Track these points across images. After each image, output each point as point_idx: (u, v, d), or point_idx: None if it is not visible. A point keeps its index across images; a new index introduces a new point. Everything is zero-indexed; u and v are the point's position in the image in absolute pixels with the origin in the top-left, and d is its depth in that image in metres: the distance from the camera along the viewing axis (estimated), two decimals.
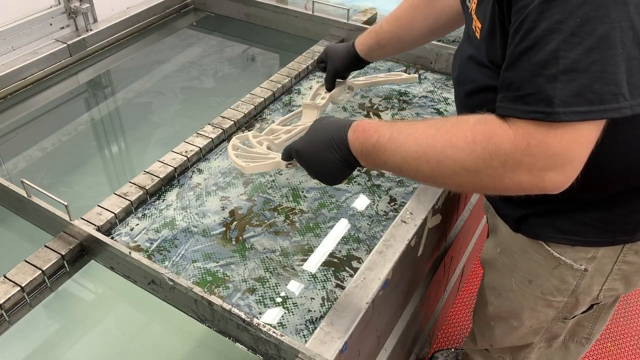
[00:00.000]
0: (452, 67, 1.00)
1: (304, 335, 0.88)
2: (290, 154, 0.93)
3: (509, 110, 0.65)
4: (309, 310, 0.92)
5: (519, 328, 1.10)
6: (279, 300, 0.94)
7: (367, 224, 1.08)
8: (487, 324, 1.19)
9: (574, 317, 1.05)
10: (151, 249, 1.03)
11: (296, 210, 1.12)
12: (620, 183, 0.83)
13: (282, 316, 0.91)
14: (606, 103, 0.59)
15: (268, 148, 1.10)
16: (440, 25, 1.16)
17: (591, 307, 1.03)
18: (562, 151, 0.62)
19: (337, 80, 1.33)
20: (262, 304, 0.93)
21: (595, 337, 1.14)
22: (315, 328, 0.84)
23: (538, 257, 0.96)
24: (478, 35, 0.83)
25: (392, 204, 1.13)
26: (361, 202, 1.14)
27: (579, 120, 0.61)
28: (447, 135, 0.70)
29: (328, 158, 0.82)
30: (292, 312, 0.92)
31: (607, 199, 0.86)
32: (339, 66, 1.30)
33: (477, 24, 0.83)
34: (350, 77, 1.39)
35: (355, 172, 1.21)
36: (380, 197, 1.15)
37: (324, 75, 1.35)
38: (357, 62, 1.29)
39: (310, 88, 1.49)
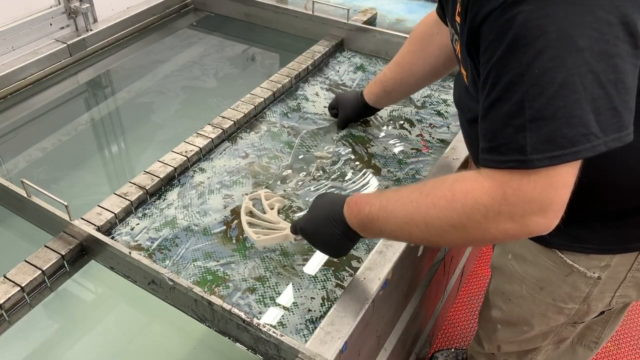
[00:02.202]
0: (453, 91, 1.02)
1: (304, 335, 0.89)
2: (297, 230, 0.95)
3: (486, 161, 0.68)
4: (309, 310, 0.92)
5: (528, 332, 1.10)
6: (279, 300, 0.94)
7: None
8: (493, 328, 1.18)
9: (584, 322, 1.05)
10: (152, 248, 1.03)
11: (294, 208, 1.12)
12: (634, 198, 0.83)
13: (282, 316, 0.92)
14: (577, 145, 0.61)
15: (279, 211, 1.09)
16: (440, 65, 1.17)
17: (602, 312, 1.03)
18: (538, 196, 0.64)
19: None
20: (262, 303, 0.94)
21: (604, 341, 1.13)
22: (315, 328, 0.84)
23: (551, 264, 0.95)
24: (465, 80, 0.85)
25: None
26: None
27: (552, 165, 0.62)
28: (428, 197, 0.74)
29: (330, 234, 0.86)
30: (292, 311, 0.92)
31: (623, 210, 0.85)
32: (350, 114, 1.34)
33: (462, 70, 0.86)
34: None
35: (348, 169, 1.22)
36: None
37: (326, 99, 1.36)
38: (366, 110, 1.33)
39: (317, 94, 1.48)
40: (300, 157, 1.27)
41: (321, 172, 1.23)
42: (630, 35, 0.60)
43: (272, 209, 1.08)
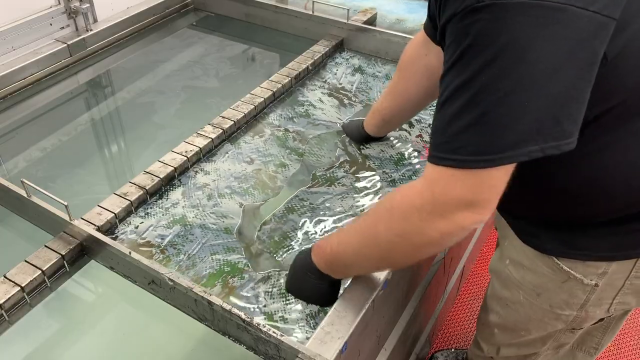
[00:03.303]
0: None
1: (303, 326, 0.90)
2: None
3: (429, 157, 0.70)
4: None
5: (525, 337, 1.10)
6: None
7: None
8: (491, 332, 1.18)
9: (582, 328, 1.04)
10: (163, 244, 1.04)
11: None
12: (628, 204, 0.82)
13: (287, 306, 0.94)
14: (514, 149, 0.63)
15: None
16: (434, 85, 1.16)
17: (601, 319, 1.02)
18: (465, 195, 0.67)
19: None
20: (269, 295, 0.96)
21: (604, 347, 1.12)
22: (317, 324, 0.84)
23: (547, 270, 0.94)
24: None
25: None
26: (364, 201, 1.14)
27: (486, 167, 0.65)
28: (375, 214, 0.79)
29: (310, 284, 0.89)
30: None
31: (618, 216, 0.84)
32: (357, 142, 1.35)
33: None
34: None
35: (341, 173, 1.22)
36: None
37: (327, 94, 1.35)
38: (372, 138, 1.34)
39: (321, 101, 1.48)
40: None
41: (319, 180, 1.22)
42: (584, 51, 0.61)
43: None
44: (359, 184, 1.20)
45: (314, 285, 0.89)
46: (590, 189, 0.80)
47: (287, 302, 0.95)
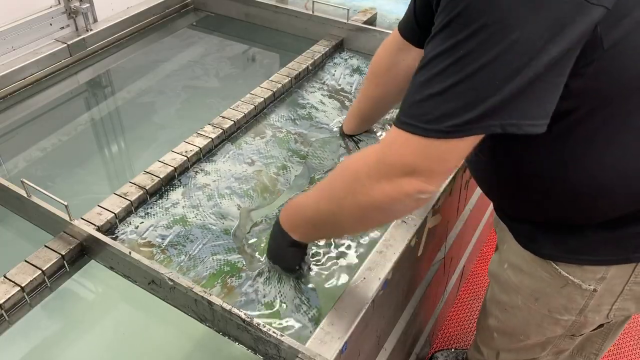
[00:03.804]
0: None
1: (305, 311, 0.92)
2: None
3: (395, 120, 0.71)
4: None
5: (524, 342, 1.09)
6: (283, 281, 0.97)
7: None
8: (490, 336, 1.18)
9: (582, 334, 1.03)
10: (164, 244, 1.04)
11: None
12: (627, 205, 0.82)
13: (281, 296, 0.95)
14: (467, 124, 0.64)
15: None
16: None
17: (601, 325, 1.01)
18: (414, 161, 0.68)
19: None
20: (267, 283, 0.97)
21: (604, 352, 1.12)
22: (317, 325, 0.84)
23: (546, 275, 0.94)
24: None
25: None
26: None
27: (444, 138, 0.66)
28: (336, 170, 0.83)
29: (278, 247, 0.94)
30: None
31: (619, 218, 0.84)
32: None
33: None
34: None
35: None
36: None
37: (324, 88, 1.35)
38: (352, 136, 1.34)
39: (323, 103, 1.48)
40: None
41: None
42: (566, 36, 0.61)
43: None
44: None
45: (282, 249, 0.92)
46: (588, 189, 0.80)
47: (283, 289, 0.96)
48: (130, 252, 0.94)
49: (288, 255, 0.94)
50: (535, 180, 0.84)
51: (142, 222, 1.09)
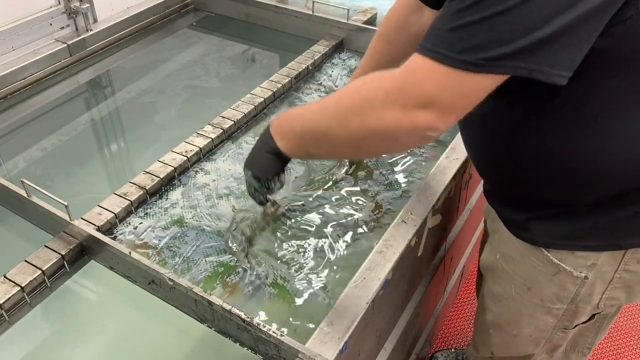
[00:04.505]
0: None
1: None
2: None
3: (418, 47, 0.68)
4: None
5: (517, 337, 1.09)
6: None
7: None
8: (486, 332, 1.18)
9: (575, 327, 1.04)
10: (160, 245, 1.04)
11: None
12: (626, 182, 0.82)
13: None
14: (497, 60, 0.62)
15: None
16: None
17: (593, 316, 1.02)
18: (433, 92, 0.66)
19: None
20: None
21: (596, 345, 1.13)
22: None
23: (538, 263, 0.95)
24: None
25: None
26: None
27: (471, 71, 0.64)
28: (347, 87, 0.79)
29: (258, 149, 0.92)
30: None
31: (610, 201, 0.84)
32: None
33: None
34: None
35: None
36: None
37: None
38: None
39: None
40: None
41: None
42: None
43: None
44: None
45: (259, 150, 0.90)
46: (586, 164, 0.80)
47: (286, 268, 0.98)
48: (130, 252, 0.94)
49: (264, 161, 0.90)
50: (533, 150, 0.83)
51: (141, 223, 1.09)
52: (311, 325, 0.89)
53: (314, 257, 1.02)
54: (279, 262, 1.00)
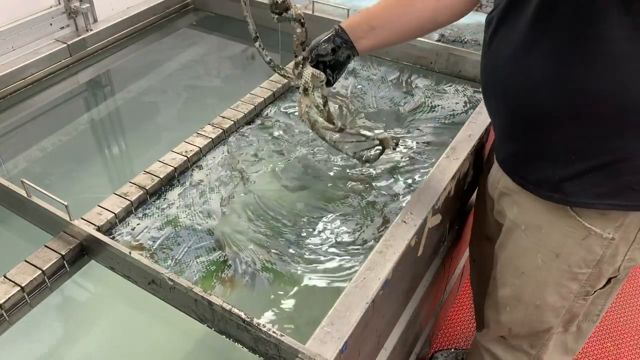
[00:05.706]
0: (484, 66, 1.00)
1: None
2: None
3: None
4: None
5: (540, 307, 1.09)
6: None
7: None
8: (502, 310, 1.18)
9: (595, 292, 1.05)
10: (154, 247, 1.04)
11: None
12: None
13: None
14: None
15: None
16: (442, 7, 1.02)
17: (609, 281, 1.04)
18: None
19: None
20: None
21: (604, 312, 1.13)
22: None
23: (568, 229, 0.96)
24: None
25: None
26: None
27: None
28: None
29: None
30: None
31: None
32: (321, 49, 1.15)
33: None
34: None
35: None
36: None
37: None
38: (343, 45, 1.10)
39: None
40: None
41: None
42: None
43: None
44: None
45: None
46: (613, 107, 0.81)
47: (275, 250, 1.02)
48: (130, 252, 0.94)
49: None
50: (587, 90, 0.82)
51: (139, 224, 1.09)
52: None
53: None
54: (254, 245, 1.03)
